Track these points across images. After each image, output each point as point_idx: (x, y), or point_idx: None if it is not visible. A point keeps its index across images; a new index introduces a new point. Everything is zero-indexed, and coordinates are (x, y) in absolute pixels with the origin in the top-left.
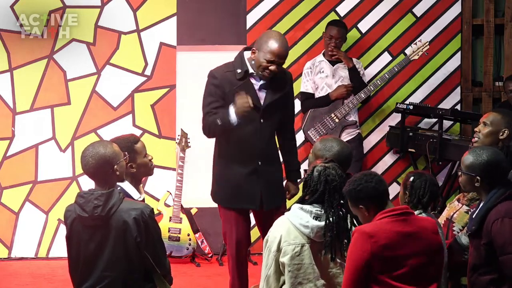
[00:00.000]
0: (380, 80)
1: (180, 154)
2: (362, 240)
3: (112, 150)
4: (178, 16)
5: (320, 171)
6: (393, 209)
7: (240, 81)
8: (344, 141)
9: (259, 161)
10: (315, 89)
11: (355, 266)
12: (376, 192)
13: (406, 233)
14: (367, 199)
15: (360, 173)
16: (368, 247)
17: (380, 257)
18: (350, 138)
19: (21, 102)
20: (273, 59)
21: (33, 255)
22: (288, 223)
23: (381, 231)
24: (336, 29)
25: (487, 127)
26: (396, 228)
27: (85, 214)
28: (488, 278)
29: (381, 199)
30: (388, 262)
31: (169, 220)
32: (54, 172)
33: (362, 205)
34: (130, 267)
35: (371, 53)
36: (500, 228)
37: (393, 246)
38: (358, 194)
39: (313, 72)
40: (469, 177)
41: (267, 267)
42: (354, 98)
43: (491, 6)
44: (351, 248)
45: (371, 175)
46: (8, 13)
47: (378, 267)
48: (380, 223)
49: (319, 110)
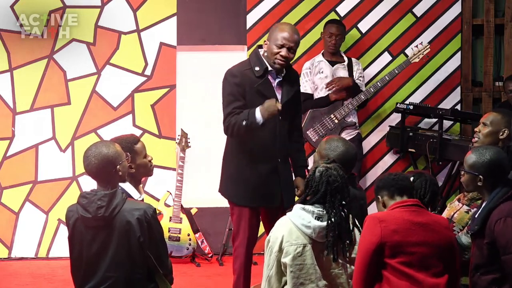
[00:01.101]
0: (380, 82)
1: (180, 154)
2: (373, 224)
3: (115, 150)
4: (178, 16)
5: (322, 171)
6: (405, 201)
7: (259, 78)
8: (349, 142)
9: (279, 158)
10: (314, 90)
11: (366, 250)
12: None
13: (417, 222)
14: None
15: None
16: (378, 231)
17: (389, 241)
18: (350, 138)
19: (21, 102)
20: (283, 43)
21: (33, 255)
22: (290, 224)
23: (392, 217)
24: (335, 26)
25: (487, 127)
26: (407, 217)
27: (88, 215)
28: (490, 277)
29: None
30: (397, 247)
31: (169, 220)
32: (54, 172)
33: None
34: (133, 267)
35: (371, 53)
36: (503, 228)
37: (403, 232)
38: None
39: (312, 73)
40: (472, 176)
41: (269, 268)
42: (354, 100)
43: (491, 6)
44: (362, 234)
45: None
46: (8, 13)
47: (387, 251)
48: (391, 211)
49: (318, 110)
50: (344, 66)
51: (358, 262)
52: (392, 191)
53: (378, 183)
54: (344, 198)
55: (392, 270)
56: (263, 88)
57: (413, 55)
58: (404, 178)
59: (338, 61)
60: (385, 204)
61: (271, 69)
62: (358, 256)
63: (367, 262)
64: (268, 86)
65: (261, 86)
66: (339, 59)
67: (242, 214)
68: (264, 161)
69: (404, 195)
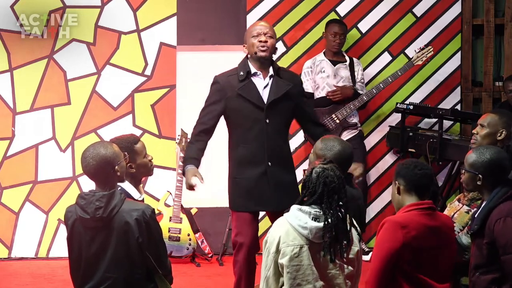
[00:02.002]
0: (382, 83)
1: (180, 154)
2: (394, 229)
3: (112, 150)
4: (178, 16)
5: (319, 172)
6: (422, 203)
7: (242, 82)
8: (345, 141)
9: (269, 162)
10: (315, 89)
11: (386, 255)
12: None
13: (432, 227)
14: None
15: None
16: (400, 236)
17: (410, 247)
18: (351, 136)
19: (21, 102)
20: (257, 32)
21: (33, 255)
22: (287, 224)
23: (412, 222)
24: (337, 26)
25: (484, 128)
26: (425, 221)
27: (86, 216)
28: (489, 277)
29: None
30: (416, 253)
31: (169, 220)
32: (54, 172)
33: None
34: (132, 267)
35: (371, 53)
36: (503, 228)
37: (421, 238)
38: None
39: (313, 72)
40: (472, 175)
41: (266, 268)
42: (356, 100)
43: (491, 6)
44: (381, 238)
45: (423, 164)
46: (8, 13)
47: (407, 257)
48: (410, 215)
49: (319, 110)
50: (346, 66)
51: (376, 265)
52: (411, 186)
53: (401, 170)
54: (341, 198)
55: (407, 275)
56: (245, 91)
57: (416, 58)
58: (426, 176)
59: (340, 60)
60: (399, 191)
61: (256, 71)
62: (376, 259)
63: (385, 266)
64: (251, 88)
65: (242, 89)
66: (341, 59)
67: (240, 219)
68: (253, 166)
69: (422, 194)
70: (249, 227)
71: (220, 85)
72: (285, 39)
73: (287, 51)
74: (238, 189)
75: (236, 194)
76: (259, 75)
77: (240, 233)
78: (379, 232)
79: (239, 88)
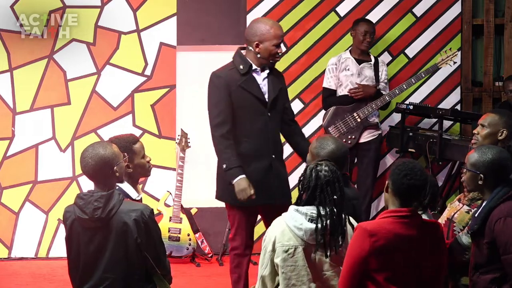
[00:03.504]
0: (406, 84)
1: (180, 154)
2: (362, 237)
3: (111, 151)
4: (178, 16)
5: (312, 168)
6: (399, 210)
7: (243, 76)
8: (340, 141)
9: (273, 154)
10: (338, 86)
11: (353, 261)
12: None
13: (407, 236)
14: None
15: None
16: (367, 245)
17: (377, 256)
18: (372, 139)
19: (21, 102)
20: (279, 41)
21: (33, 255)
22: (283, 224)
23: (382, 231)
24: (368, 24)
25: (485, 128)
26: (398, 230)
27: (85, 216)
28: (490, 277)
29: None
30: (384, 263)
31: (169, 220)
32: (54, 172)
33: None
34: (131, 268)
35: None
36: (503, 227)
37: (391, 248)
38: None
39: (338, 69)
40: (473, 174)
41: (263, 267)
42: (378, 100)
43: (491, 6)
44: (351, 243)
45: (416, 174)
46: (8, 13)
47: (373, 266)
48: (382, 222)
49: (342, 107)
50: (371, 66)
51: (344, 270)
52: (396, 192)
53: (392, 172)
54: (335, 192)
55: (376, 283)
56: (248, 85)
57: (441, 60)
58: (413, 187)
59: (365, 59)
60: (387, 189)
61: (255, 67)
62: (345, 263)
63: (352, 272)
64: (252, 82)
65: (245, 83)
66: (366, 58)
67: (239, 215)
68: (258, 159)
69: (405, 202)
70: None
71: (224, 79)
72: (285, 39)
73: (287, 51)
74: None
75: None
76: (257, 71)
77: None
78: (352, 237)
79: (242, 82)
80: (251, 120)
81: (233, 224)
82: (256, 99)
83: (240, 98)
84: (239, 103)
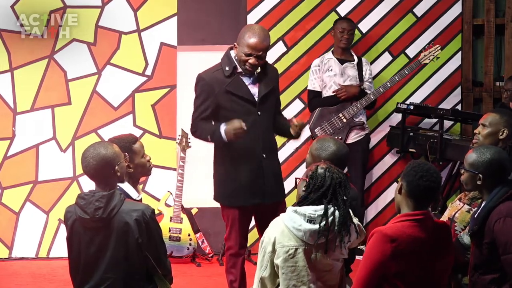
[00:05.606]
0: (389, 82)
1: (180, 154)
2: (382, 242)
3: (113, 151)
4: (178, 16)
5: (325, 168)
6: (415, 213)
7: (228, 78)
8: (341, 142)
9: (264, 154)
10: (323, 87)
11: (373, 266)
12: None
13: (423, 239)
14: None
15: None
16: (388, 250)
17: (398, 261)
18: (358, 139)
19: (22, 102)
20: (250, 52)
21: (34, 255)
22: (282, 225)
23: (402, 235)
24: (346, 22)
25: (486, 128)
26: (417, 234)
27: (86, 216)
28: (489, 277)
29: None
30: (404, 267)
31: (170, 220)
32: (55, 172)
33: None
34: (132, 268)
35: (372, 53)
36: (502, 228)
37: (411, 251)
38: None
39: (321, 70)
40: (472, 174)
41: (262, 268)
42: (363, 99)
43: (492, 6)
44: (370, 248)
45: (432, 175)
46: (8, 13)
47: (394, 269)
48: (401, 226)
49: (327, 109)
50: (354, 65)
51: (362, 274)
52: (411, 194)
53: (408, 173)
54: (347, 193)
55: (393, 286)
56: (234, 87)
57: (424, 56)
58: (430, 188)
59: (348, 59)
60: (400, 191)
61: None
62: (363, 267)
63: (371, 277)
64: (239, 84)
65: (231, 86)
66: (348, 58)
67: (233, 215)
68: (249, 159)
69: (420, 205)
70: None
71: (206, 82)
72: (285, 39)
73: (287, 51)
74: (233, 184)
75: (231, 189)
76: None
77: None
78: (368, 242)
79: (227, 85)
80: (241, 119)
81: (227, 224)
82: (245, 101)
83: (227, 101)
84: (226, 106)
